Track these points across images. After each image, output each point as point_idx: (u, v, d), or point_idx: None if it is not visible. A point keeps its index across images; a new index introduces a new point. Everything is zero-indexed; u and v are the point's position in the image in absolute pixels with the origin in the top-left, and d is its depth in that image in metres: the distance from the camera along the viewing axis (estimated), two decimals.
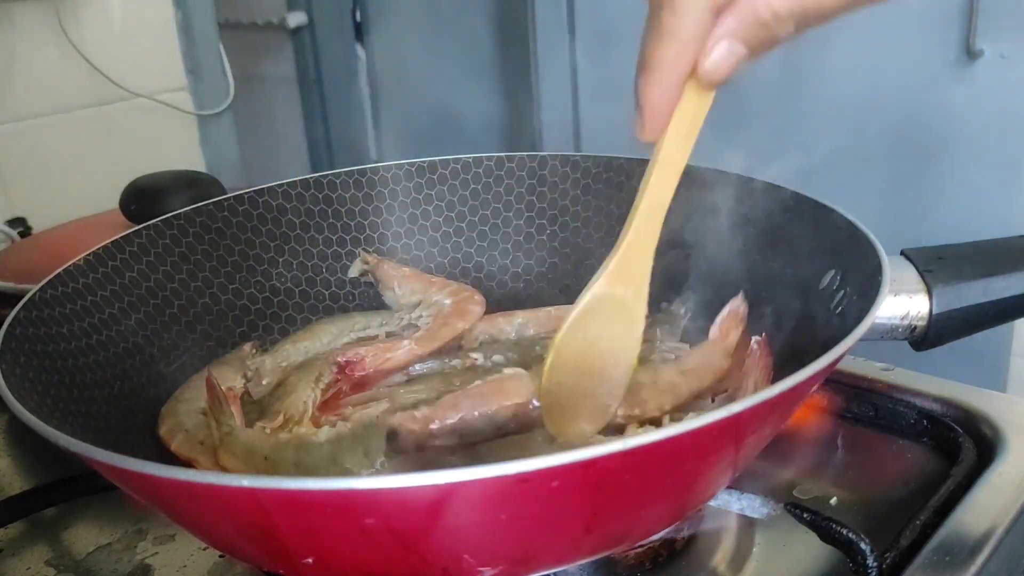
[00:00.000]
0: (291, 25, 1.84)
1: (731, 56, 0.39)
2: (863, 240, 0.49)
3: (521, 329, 0.63)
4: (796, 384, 0.36)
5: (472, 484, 0.31)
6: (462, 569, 0.36)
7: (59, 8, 1.04)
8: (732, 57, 0.39)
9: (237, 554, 0.45)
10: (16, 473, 0.61)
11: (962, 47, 1.14)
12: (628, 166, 0.68)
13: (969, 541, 0.45)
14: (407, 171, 0.72)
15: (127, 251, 0.60)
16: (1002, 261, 0.51)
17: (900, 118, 1.21)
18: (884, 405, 0.58)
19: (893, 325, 0.50)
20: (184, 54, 1.21)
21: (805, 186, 0.57)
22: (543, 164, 0.72)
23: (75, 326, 0.54)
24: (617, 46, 1.34)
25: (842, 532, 0.44)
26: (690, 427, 0.33)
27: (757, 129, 1.30)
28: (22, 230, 1.01)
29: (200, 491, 0.34)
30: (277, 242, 0.69)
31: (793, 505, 0.46)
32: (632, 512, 0.38)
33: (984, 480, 0.50)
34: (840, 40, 1.19)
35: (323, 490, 0.31)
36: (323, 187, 0.70)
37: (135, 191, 0.84)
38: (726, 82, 0.40)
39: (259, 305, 0.67)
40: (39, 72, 1.05)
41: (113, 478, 0.38)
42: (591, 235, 0.71)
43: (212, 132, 1.26)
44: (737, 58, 0.39)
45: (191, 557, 0.50)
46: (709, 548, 0.48)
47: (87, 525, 0.53)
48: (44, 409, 0.45)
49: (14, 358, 0.46)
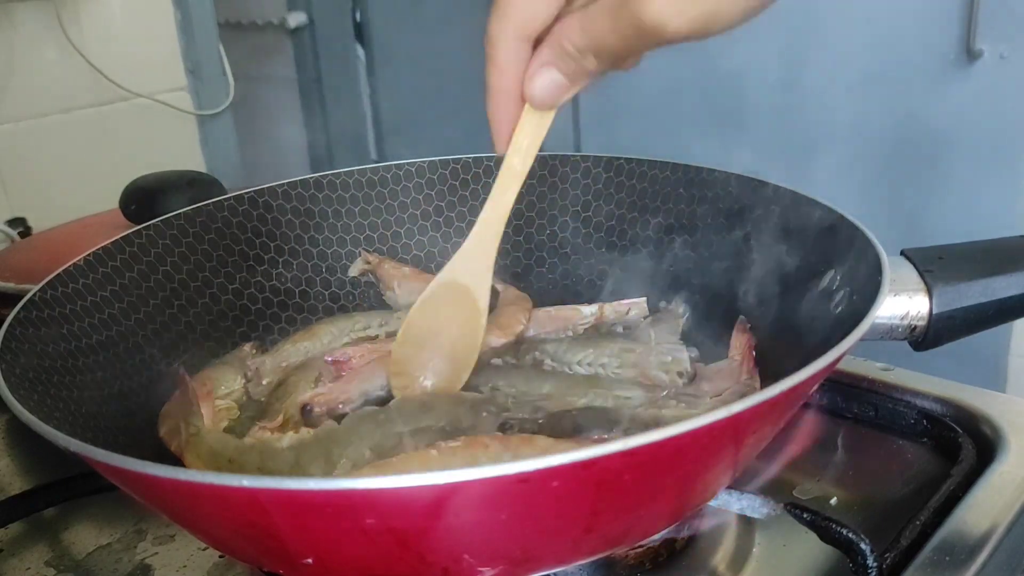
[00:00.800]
0: (291, 25, 1.84)
1: (551, 84, 0.42)
2: (863, 240, 0.49)
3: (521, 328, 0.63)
4: (796, 384, 0.36)
5: (472, 484, 0.31)
6: (462, 569, 0.36)
7: (59, 8, 1.04)
8: (552, 85, 0.42)
9: (237, 554, 0.45)
10: (16, 473, 0.61)
11: (962, 47, 1.14)
12: (628, 166, 0.68)
13: (969, 541, 0.45)
14: (407, 171, 0.72)
15: (127, 251, 0.60)
16: (1002, 261, 0.50)
17: (900, 118, 1.21)
18: (884, 405, 0.58)
19: (893, 325, 0.50)
20: (184, 54, 1.21)
21: (805, 186, 0.57)
22: (543, 164, 0.72)
23: (75, 326, 0.54)
24: None
25: (842, 532, 0.44)
26: (690, 427, 0.33)
27: (757, 129, 1.30)
28: (22, 230, 1.01)
29: (200, 491, 0.34)
30: (277, 242, 0.68)
31: (793, 505, 0.46)
32: (632, 512, 0.38)
33: (984, 480, 0.50)
34: (840, 40, 1.19)
35: (323, 490, 0.31)
36: (323, 187, 0.70)
37: (135, 191, 0.84)
38: (557, 105, 0.43)
39: (259, 305, 0.67)
40: (39, 72, 1.05)
41: (113, 478, 0.38)
42: (591, 235, 0.70)
43: (212, 132, 1.26)
44: (557, 86, 0.42)
45: (191, 557, 0.50)
46: (709, 548, 0.48)
47: (87, 525, 0.53)
48: (44, 409, 0.45)
49: (14, 358, 0.46)
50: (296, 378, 0.60)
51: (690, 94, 1.25)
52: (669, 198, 0.66)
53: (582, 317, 0.63)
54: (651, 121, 1.33)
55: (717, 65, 1.23)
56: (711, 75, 1.22)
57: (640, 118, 1.34)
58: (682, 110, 1.27)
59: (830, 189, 0.56)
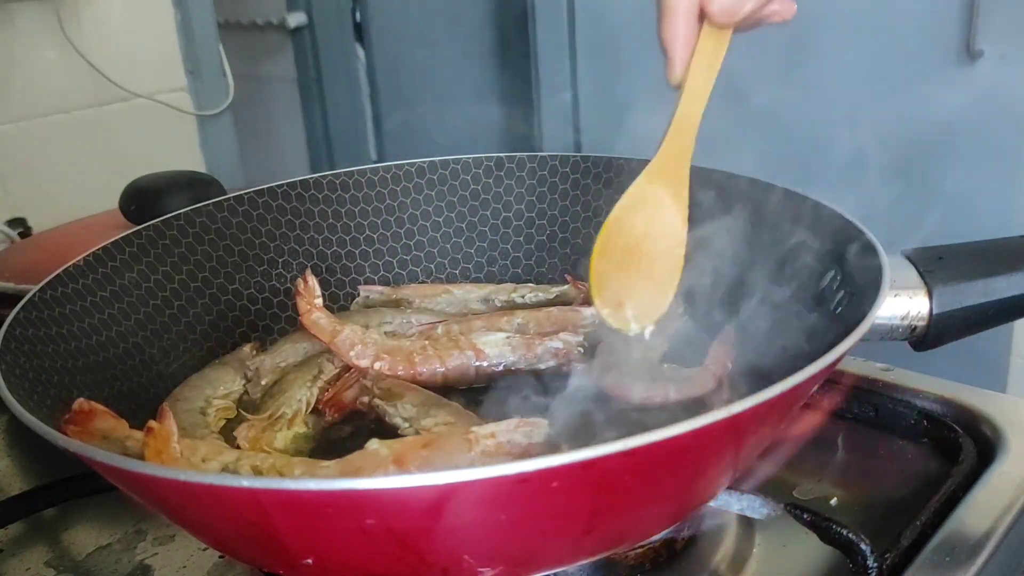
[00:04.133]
0: (291, 25, 1.84)
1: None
2: (863, 240, 0.49)
3: (521, 329, 0.63)
4: (796, 384, 0.36)
5: (472, 484, 0.31)
6: (462, 570, 0.36)
7: (59, 8, 1.04)
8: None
9: (237, 554, 0.45)
10: (16, 473, 0.61)
11: (962, 47, 1.14)
12: (628, 166, 0.68)
13: (969, 541, 0.45)
14: (407, 171, 0.72)
15: (127, 251, 0.60)
16: (1002, 261, 0.50)
17: (900, 118, 1.21)
18: (884, 405, 0.58)
19: (893, 325, 0.50)
20: (184, 54, 1.21)
21: (805, 186, 0.57)
22: (543, 164, 0.72)
23: (75, 327, 0.54)
24: (617, 47, 1.34)
25: (842, 532, 0.44)
26: (690, 427, 0.33)
27: (758, 129, 1.30)
28: (22, 230, 1.01)
29: (200, 492, 0.34)
30: (277, 242, 0.69)
31: (793, 505, 0.46)
32: (632, 512, 0.38)
33: (984, 480, 0.50)
34: (840, 40, 1.19)
35: (323, 490, 0.31)
36: (323, 187, 0.70)
37: (135, 191, 0.84)
38: (737, 18, 0.44)
39: (259, 305, 0.67)
40: (39, 72, 1.05)
41: (113, 479, 0.38)
42: (591, 235, 0.70)
43: (212, 132, 1.26)
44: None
45: (191, 558, 0.50)
46: (709, 548, 0.48)
47: (87, 526, 0.53)
48: (44, 410, 0.45)
49: (14, 358, 0.46)
50: (293, 376, 0.60)
51: None
52: None
53: (583, 319, 0.63)
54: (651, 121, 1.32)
55: None
56: None
57: (640, 118, 1.34)
58: None
59: (830, 189, 0.56)
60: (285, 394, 0.58)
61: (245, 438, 0.53)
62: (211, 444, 0.50)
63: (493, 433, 0.43)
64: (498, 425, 0.43)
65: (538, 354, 0.60)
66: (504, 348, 0.60)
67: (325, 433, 0.57)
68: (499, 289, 0.70)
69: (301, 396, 0.58)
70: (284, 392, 0.58)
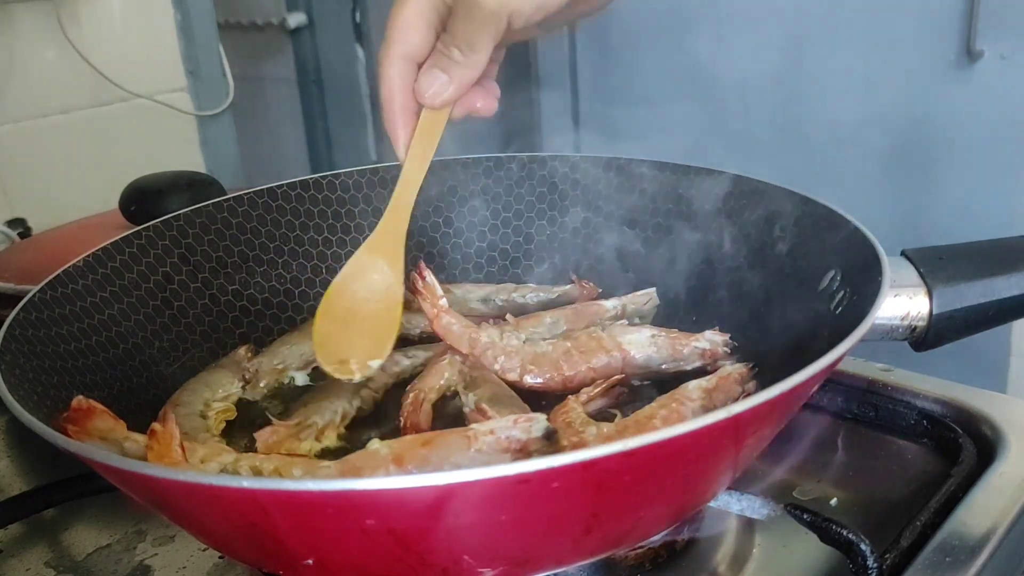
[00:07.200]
0: (291, 25, 1.84)
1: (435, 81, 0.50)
2: (863, 240, 0.49)
3: (552, 328, 0.63)
4: (796, 384, 0.36)
5: (472, 485, 0.31)
6: (462, 570, 0.36)
7: (59, 8, 1.04)
8: (436, 82, 0.50)
9: (237, 555, 0.45)
10: (16, 474, 0.61)
11: (962, 48, 1.14)
12: (628, 166, 0.68)
13: (969, 542, 0.45)
14: None
15: (127, 252, 0.60)
16: (1002, 261, 0.50)
17: (900, 119, 1.21)
18: (884, 405, 0.58)
19: (893, 325, 0.50)
20: (184, 54, 1.21)
21: (806, 187, 0.57)
22: (543, 164, 0.72)
23: (75, 327, 0.54)
24: (618, 46, 1.34)
25: (842, 533, 0.44)
26: (690, 428, 0.33)
27: (759, 130, 1.30)
28: (22, 231, 1.01)
29: (200, 492, 0.34)
30: (277, 242, 0.68)
31: (793, 506, 0.46)
32: (632, 513, 0.38)
33: (984, 481, 0.50)
34: (840, 40, 1.19)
35: (323, 491, 0.31)
36: (323, 187, 0.70)
37: (135, 192, 0.84)
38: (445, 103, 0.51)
39: (259, 305, 0.67)
40: (39, 72, 1.05)
41: (113, 479, 0.38)
42: (591, 235, 0.71)
43: (212, 132, 1.26)
44: (441, 82, 0.50)
45: (191, 558, 0.50)
46: (709, 549, 0.48)
47: (86, 526, 0.53)
48: (44, 409, 0.45)
49: (14, 359, 0.46)
50: (339, 387, 0.57)
51: (690, 94, 1.25)
52: (668, 198, 0.66)
53: (606, 311, 0.64)
54: (651, 121, 1.33)
55: (717, 65, 1.23)
56: (711, 75, 1.23)
57: (640, 118, 1.35)
58: (682, 111, 1.27)
59: (830, 190, 0.56)
60: (321, 403, 0.55)
61: (265, 442, 0.51)
62: (210, 445, 0.50)
63: (492, 430, 0.43)
64: (497, 422, 0.43)
65: (684, 355, 0.58)
66: (650, 348, 0.58)
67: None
68: (499, 289, 0.70)
69: (338, 407, 0.56)
70: (320, 401, 0.56)
